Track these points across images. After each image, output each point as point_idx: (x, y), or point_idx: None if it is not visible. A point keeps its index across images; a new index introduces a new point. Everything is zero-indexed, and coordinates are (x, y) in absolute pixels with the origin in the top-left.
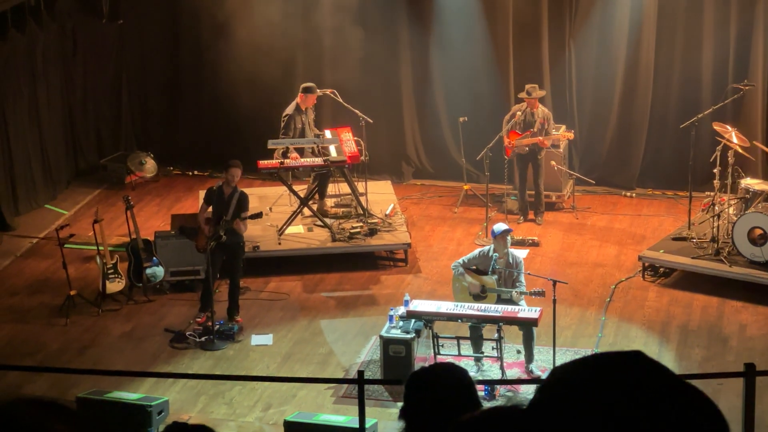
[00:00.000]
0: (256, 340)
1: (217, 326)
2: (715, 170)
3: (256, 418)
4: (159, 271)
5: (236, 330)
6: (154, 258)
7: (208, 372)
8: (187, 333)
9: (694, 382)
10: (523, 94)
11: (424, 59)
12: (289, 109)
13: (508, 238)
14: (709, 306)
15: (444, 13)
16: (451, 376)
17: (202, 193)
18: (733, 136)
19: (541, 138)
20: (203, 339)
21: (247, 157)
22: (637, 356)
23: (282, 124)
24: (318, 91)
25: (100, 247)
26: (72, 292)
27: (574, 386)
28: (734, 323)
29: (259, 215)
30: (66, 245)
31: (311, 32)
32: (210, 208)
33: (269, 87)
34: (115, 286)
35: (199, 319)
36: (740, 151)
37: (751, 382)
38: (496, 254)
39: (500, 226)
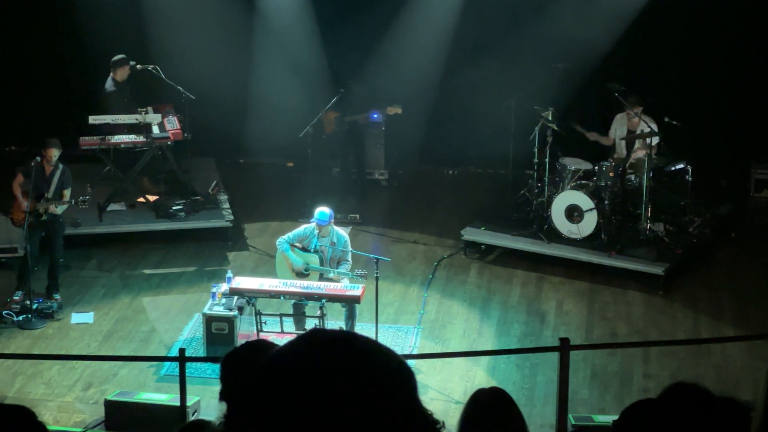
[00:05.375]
0: (77, 318)
1: (36, 304)
2: (534, 149)
3: (76, 398)
4: None
5: (55, 308)
6: None
7: (25, 352)
8: (3, 312)
9: (513, 357)
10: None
11: (248, 39)
12: (108, 85)
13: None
14: (529, 282)
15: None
16: (265, 353)
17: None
18: (550, 116)
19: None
20: (21, 318)
21: (69, 134)
22: (312, 334)
23: (103, 101)
24: (138, 66)
25: None
26: None
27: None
28: (552, 299)
29: (76, 202)
30: None
31: (142, 6)
32: (21, 178)
33: (94, 61)
34: None
35: (16, 298)
36: (557, 129)
37: (565, 356)
38: (319, 233)
39: (322, 215)
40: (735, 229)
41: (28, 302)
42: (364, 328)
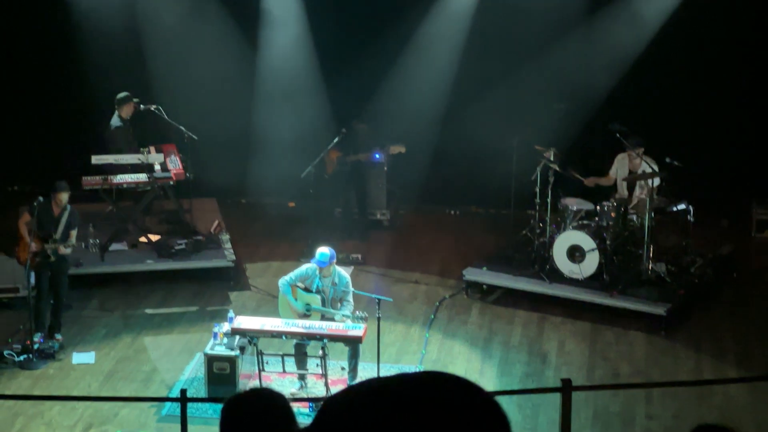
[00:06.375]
0: (78, 358)
1: (37, 345)
2: (536, 189)
3: None
4: None
5: (56, 348)
6: None
7: (26, 392)
8: (5, 352)
9: (515, 398)
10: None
11: (251, 79)
12: (114, 122)
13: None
14: (530, 322)
15: (270, 37)
16: (266, 402)
17: (26, 208)
18: (552, 156)
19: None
20: (22, 358)
21: (72, 173)
22: (402, 378)
23: (109, 139)
24: (141, 106)
25: None
26: None
27: (346, 410)
28: (554, 339)
29: (86, 245)
30: None
31: (144, 47)
32: (28, 217)
33: (97, 101)
34: None
35: (36, 339)
36: (559, 170)
37: (567, 397)
38: (320, 273)
39: (322, 256)
40: (737, 269)
41: (29, 342)
42: (365, 368)
